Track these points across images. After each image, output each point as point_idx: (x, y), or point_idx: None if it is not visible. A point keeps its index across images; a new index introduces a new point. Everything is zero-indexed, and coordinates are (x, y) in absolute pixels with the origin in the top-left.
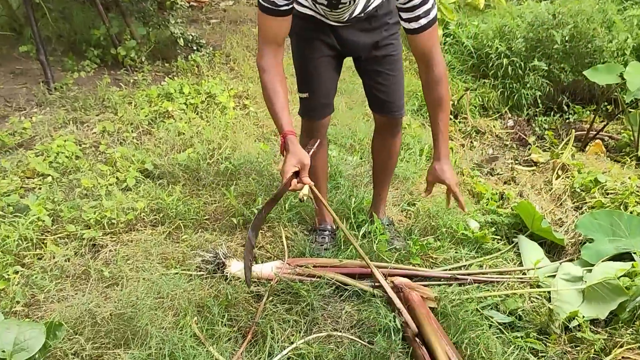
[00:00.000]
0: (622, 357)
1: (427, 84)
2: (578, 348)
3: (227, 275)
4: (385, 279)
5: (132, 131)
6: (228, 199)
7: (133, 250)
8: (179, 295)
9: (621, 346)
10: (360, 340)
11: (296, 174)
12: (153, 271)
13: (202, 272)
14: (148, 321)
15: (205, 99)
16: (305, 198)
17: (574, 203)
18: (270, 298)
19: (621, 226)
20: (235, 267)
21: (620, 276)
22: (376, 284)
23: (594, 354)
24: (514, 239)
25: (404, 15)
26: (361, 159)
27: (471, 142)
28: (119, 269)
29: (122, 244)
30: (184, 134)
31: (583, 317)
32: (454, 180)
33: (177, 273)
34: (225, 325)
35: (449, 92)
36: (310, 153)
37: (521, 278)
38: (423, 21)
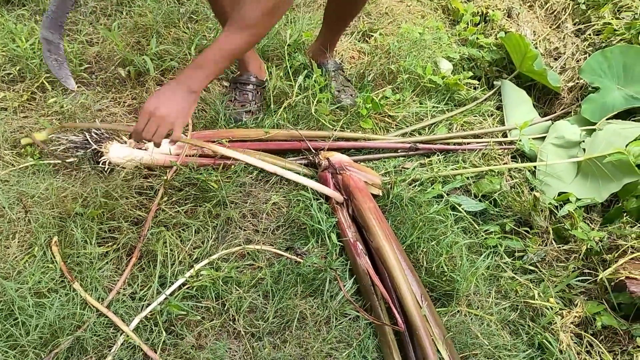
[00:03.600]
0: (624, 270)
1: None
2: (566, 247)
3: (104, 166)
4: (317, 155)
5: None
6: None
7: None
8: (30, 204)
9: (624, 253)
10: (284, 254)
11: None
12: None
13: (70, 160)
14: None
15: None
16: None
17: (575, 25)
18: (165, 197)
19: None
20: (117, 153)
21: (630, 143)
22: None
23: (584, 259)
24: (495, 82)
25: None
26: None
27: None
28: None
29: None
30: None
31: (577, 200)
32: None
33: (32, 166)
34: (101, 243)
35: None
36: None
37: (501, 142)
38: None
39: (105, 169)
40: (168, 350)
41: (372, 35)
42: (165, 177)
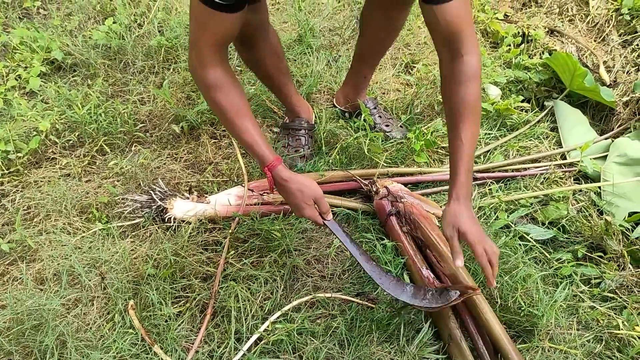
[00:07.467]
0: None
1: (450, 78)
2: None
3: (170, 223)
4: (374, 183)
5: None
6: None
7: (42, 197)
8: (105, 269)
9: None
10: (355, 300)
11: None
12: (69, 232)
13: (136, 220)
14: (62, 328)
15: None
16: None
17: (620, 36)
18: (232, 251)
19: None
20: (180, 208)
21: None
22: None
23: None
24: (546, 103)
25: None
26: (339, 1)
27: None
28: (19, 235)
29: (28, 187)
30: None
31: None
32: (478, 234)
33: (101, 230)
34: (174, 302)
35: (480, 94)
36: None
37: (561, 165)
38: None
39: (172, 226)
40: None
41: (415, 67)
42: (229, 230)
